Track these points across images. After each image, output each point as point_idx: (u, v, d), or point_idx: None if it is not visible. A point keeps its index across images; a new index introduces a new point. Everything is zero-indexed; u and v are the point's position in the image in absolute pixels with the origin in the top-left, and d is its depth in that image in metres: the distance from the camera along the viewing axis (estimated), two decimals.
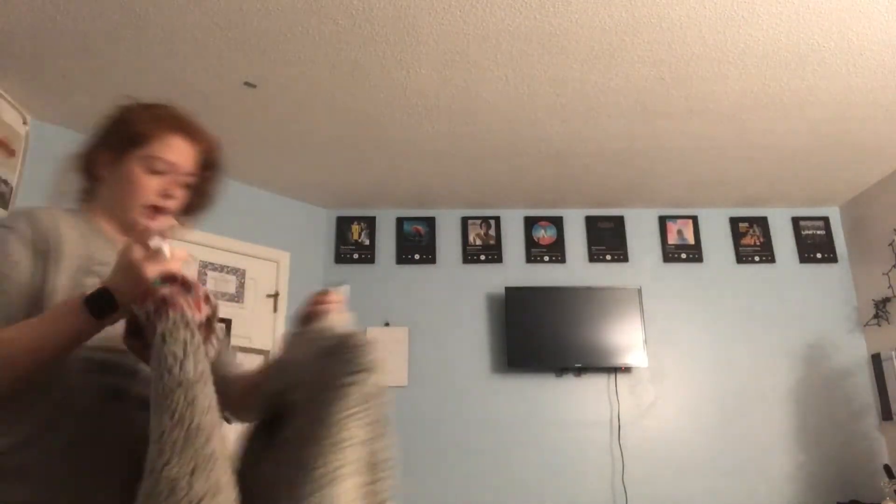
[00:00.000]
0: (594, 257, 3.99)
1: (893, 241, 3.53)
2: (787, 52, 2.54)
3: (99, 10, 2.29)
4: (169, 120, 1.21)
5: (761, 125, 3.10)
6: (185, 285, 0.92)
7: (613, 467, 3.58)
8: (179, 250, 0.97)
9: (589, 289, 3.77)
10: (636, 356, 3.66)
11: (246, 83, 2.73)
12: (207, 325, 0.95)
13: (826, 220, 4.06)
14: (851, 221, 3.99)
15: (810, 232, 4.04)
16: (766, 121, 3.06)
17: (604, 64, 2.62)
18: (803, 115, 3.01)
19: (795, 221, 4.06)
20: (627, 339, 3.68)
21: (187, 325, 0.87)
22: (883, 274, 3.59)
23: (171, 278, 0.91)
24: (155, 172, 1.17)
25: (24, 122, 2.92)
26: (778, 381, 3.73)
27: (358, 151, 3.37)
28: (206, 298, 0.95)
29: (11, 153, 2.83)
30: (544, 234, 4.04)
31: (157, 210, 1.17)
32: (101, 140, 1.21)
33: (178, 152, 1.20)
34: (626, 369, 3.70)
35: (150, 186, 1.17)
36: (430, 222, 4.06)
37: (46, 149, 2.99)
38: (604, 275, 3.92)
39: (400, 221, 4.07)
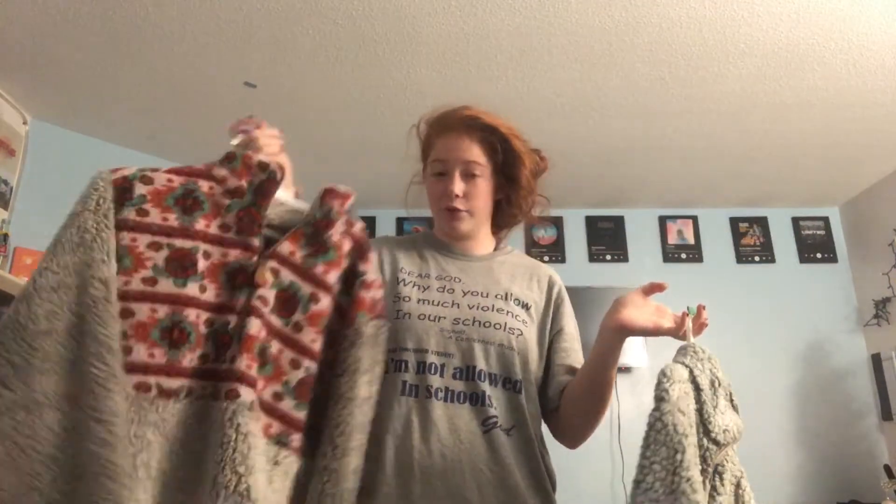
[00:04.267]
0: (594, 257, 3.99)
1: (893, 241, 3.53)
2: (787, 52, 2.54)
3: (99, 11, 2.29)
4: (435, 123, 1.23)
5: (761, 125, 3.09)
6: None
7: (613, 467, 3.57)
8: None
9: (589, 289, 3.77)
10: (636, 356, 3.65)
11: (246, 83, 2.73)
12: None
13: (826, 220, 4.06)
14: (851, 221, 3.99)
15: (810, 232, 4.04)
16: (766, 121, 3.05)
17: (604, 64, 2.62)
18: (803, 115, 3.00)
19: (795, 221, 4.06)
20: (627, 339, 3.66)
21: None
22: (883, 274, 3.59)
23: None
24: (439, 175, 1.20)
25: (24, 122, 2.93)
26: (778, 381, 3.72)
27: (358, 151, 3.36)
28: None
29: (11, 153, 2.83)
30: (544, 234, 4.03)
31: (451, 211, 1.19)
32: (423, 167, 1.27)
33: (450, 149, 1.19)
34: (626, 369, 3.70)
35: (437, 190, 1.20)
36: (430, 222, 4.04)
37: (46, 149, 2.99)
38: (604, 275, 3.91)
39: (400, 222, 4.07)
